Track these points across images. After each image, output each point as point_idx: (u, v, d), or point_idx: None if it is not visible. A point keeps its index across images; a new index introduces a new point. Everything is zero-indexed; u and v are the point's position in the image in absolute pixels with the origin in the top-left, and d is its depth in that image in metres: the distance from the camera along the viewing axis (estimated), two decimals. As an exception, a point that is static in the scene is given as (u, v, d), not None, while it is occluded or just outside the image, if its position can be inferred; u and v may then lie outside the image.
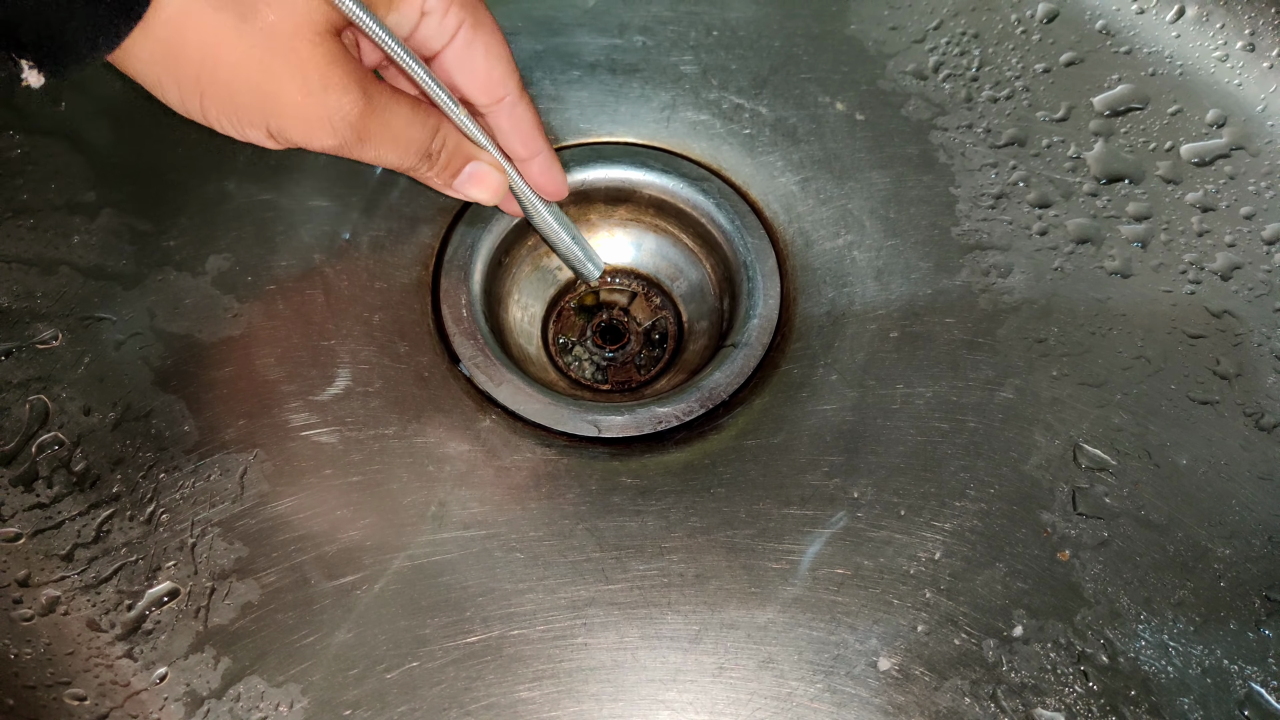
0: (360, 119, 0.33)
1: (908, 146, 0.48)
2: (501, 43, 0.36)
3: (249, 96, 0.32)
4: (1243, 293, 0.45)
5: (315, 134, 0.33)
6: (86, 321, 0.43)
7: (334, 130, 0.32)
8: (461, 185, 0.38)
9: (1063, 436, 0.42)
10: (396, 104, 0.34)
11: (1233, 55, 0.49)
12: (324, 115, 0.32)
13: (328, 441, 0.41)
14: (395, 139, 0.34)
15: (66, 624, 0.38)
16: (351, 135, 0.33)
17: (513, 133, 0.38)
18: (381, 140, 0.34)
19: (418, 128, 0.35)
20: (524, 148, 0.38)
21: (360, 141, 0.33)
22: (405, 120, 0.34)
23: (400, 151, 0.35)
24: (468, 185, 0.38)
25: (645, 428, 0.42)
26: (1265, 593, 0.39)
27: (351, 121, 0.32)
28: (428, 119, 0.35)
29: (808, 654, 0.38)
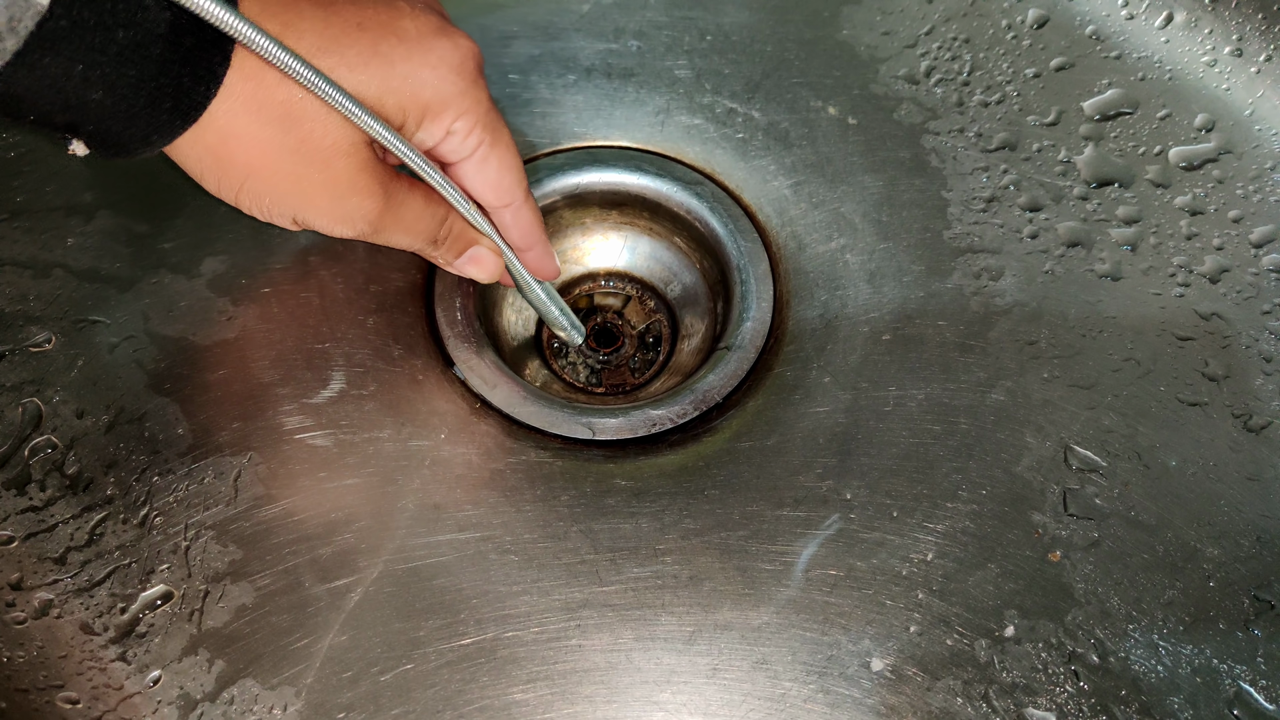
0: (378, 218, 0.36)
1: (900, 150, 0.49)
2: (514, 157, 0.39)
3: (283, 198, 0.35)
4: (1231, 295, 0.45)
5: (336, 228, 0.37)
6: (80, 324, 0.43)
7: (353, 226, 0.36)
8: (462, 265, 0.41)
9: (1054, 438, 0.42)
10: (411, 198, 0.37)
11: (1221, 60, 0.50)
12: (347, 215, 0.36)
13: (322, 444, 0.41)
14: (407, 229, 0.38)
15: (59, 627, 0.38)
16: (369, 229, 0.37)
17: (514, 229, 0.41)
18: (395, 230, 0.38)
19: (428, 219, 0.38)
20: (523, 241, 0.42)
21: (376, 232, 0.37)
22: (417, 213, 0.38)
23: (410, 238, 0.39)
24: (467, 265, 0.41)
25: (639, 430, 0.42)
26: (1254, 592, 0.39)
27: (371, 220, 0.36)
28: (437, 210, 0.39)
29: (801, 655, 0.38)
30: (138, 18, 0.29)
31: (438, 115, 0.36)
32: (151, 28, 0.29)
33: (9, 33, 0.26)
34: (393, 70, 0.34)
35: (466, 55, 0.36)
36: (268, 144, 0.33)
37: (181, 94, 0.31)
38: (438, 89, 0.35)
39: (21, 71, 0.27)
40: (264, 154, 0.33)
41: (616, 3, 0.52)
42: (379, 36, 0.34)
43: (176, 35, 0.30)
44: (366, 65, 0.33)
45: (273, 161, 0.34)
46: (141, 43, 0.29)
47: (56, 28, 0.27)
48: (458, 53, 0.35)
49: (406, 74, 0.34)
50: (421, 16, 0.35)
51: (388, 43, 0.34)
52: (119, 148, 0.32)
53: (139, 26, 0.29)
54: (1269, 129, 0.49)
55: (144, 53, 0.29)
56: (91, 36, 0.28)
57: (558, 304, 0.45)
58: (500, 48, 0.50)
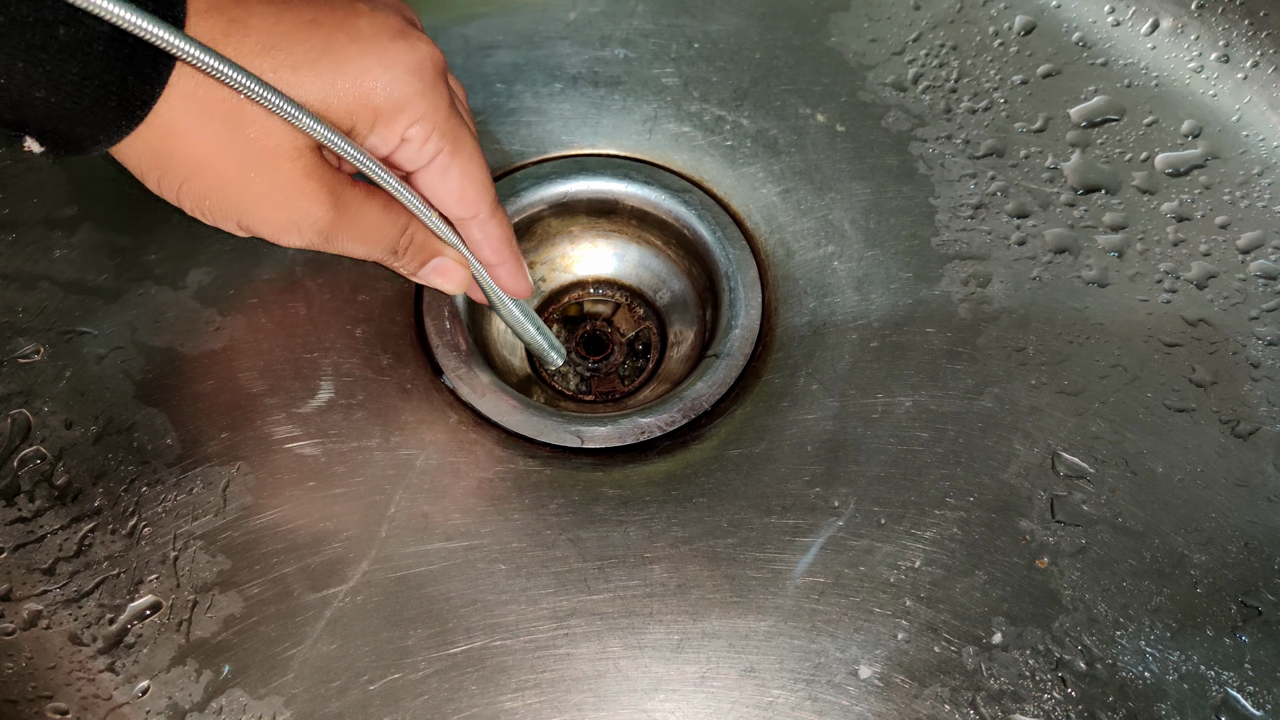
0: (328, 225, 0.35)
1: (888, 157, 0.49)
2: (479, 167, 0.38)
3: (225, 199, 0.34)
4: (1218, 301, 0.45)
5: (284, 236, 0.35)
6: (68, 336, 0.43)
7: (301, 234, 0.35)
8: (426, 275, 0.40)
9: (1041, 445, 0.42)
10: (367, 206, 0.36)
11: (1207, 66, 0.50)
12: (293, 222, 0.35)
13: (310, 454, 0.41)
14: (363, 238, 0.37)
15: (48, 638, 0.38)
16: (319, 238, 0.35)
17: (483, 243, 0.40)
18: (349, 239, 0.36)
19: (386, 227, 0.37)
20: (493, 256, 0.40)
21: (327, 242, 0.36)
22: (373, 222, 0.36)
23: (367, 248, 0.37)
24: (432, 275, 0.40)
25: (628, 438, 0.42)
26: (1241, 598, 0.39)
27: (320, 228, 0.35)
28: (397, 219, 0.37)
29: (789, 662, 0.38)
30: (79, 15, 0.28)
31: (391, 120, 0.34)
32: (93, 25, 0.29)
33: None
34: (342, 70, 0.33)
35: (424, 58, 0.34)
36: (210, 143, 0.32)
37: (127, 92, 0.30)
38: (390, 92, 0.34)
39: None
40: (206, 153, 0.33)
41: (603, 10, 0.52)
42: (330, 34, 0.33)
43: (119, 33, 0.29)
44: (314, 65, 0.32)
45: (215, 161, 0.33)
46: (83, 40, 0.29)
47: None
48: (414, 55, 0.34)
49: (358, 74, 0.33)
50: (380, 16, 0.34)
51: (338, 41, 0.33)
52: (70, 145, 0.31)
53: (80, 24, 0.28)
54: (1256, 135, 0.49)
55: (86, 50, 0.29)
56: (31, 33, 0.28)
57: (534, 322, 0.44)
58: (484, 57, 0.50)
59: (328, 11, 0.33)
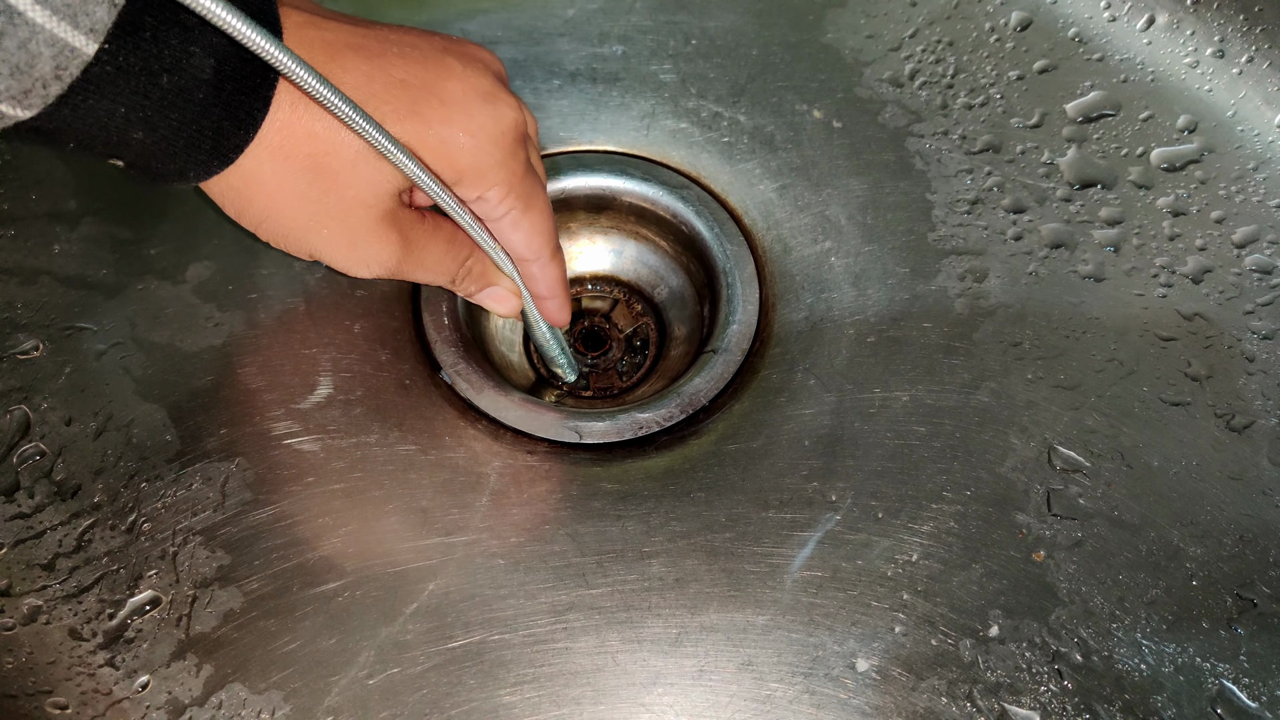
0: (396, 264, 0.37)
1: (884, 153, 0.49)
2: (546, 218, 0.40)
3: (300, 239, 0.36)
4: (1214, 295, 0.45)
5: (354, 270, 0.37)
6: (67, 331, 0.43)
7: (369, 270, 0.37)
8: (481, 299, 0.42)
9: (1038, 439, 0.42)
10: (433, 242, 0.38)
11: (1203, 62, 0.50)
12: (363, 260, 0.37)
13: (309, 450, 0.41)
14: (427, 270, 0.39)
15: (48, 633, 0.38)
16: (386, 273, 0.38)
17: (540, 280, 0.42)
18: (414, 272, 0.38)
19: (449, 262, 0.39)
20: (546, 292, 0.42)
21: (393, 275, 0.38)
22: (437, 258, 0.39)
23: (430, 278, 0.40)
24: (486, 300, 0.42)
25: (626, 433, 0.43)
26: (1237, 591, 0.39)
27: (388, 266, 0.37)
28: (459, 253, 0.39)
29: (787, 656, 0.38)
30: (183, 63, 0.29)
31: (473, 183, 0.36)
32: (196, 73, 0.29)
33: (54, 80, 0.26)
34: (428, 131, 0.34)
35: (508, 127, 0.36)
36: (290, 194, 0.34)
37: (221, 137, 0.31)
38: (474, 158, 0.35)
39: (64, 111, 0.27)
40: (285, 202, 0.34)
41: (601, 8, 0.52)
42: (420, 96, 0.34)
43: (220, 81, 0.30)
44: (401, 123, 0.33)
45: (292, 209, 0.34)
46: (185, 88, 0.29)
47: (102, 73, 0.27)
48: (499, 124, 0.35)
49: (443, 137, 0.34)
50: (471, 79, 0.35)
51: (429, 104, 0.34)
52: (155, 177, 0.32)
53: (184, 72, 0.29)
54: (1251, 130, 0.49)
55: (187, 98, 0.29)
56: (136, 81, 0.28)
57: (560, 344, 0.46)
58: (484, 54, 0.50)
59: (419, 70, 0.34)
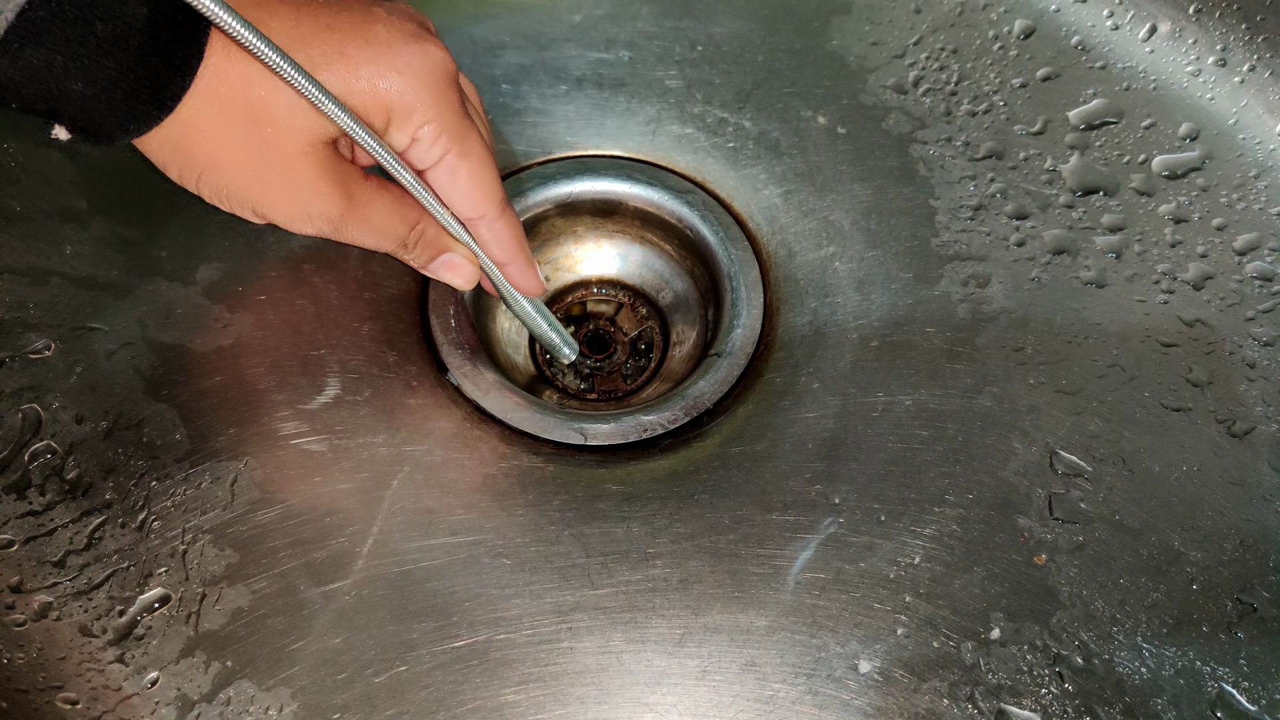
0: (339, 217, 0.36)
1: (888, 159, 0.49)
2: (487, 169, 0.38)
3: (242, 190, 0.35)
4: (1215, 302, 0.46)
5: (296, 225, 0.36)
6: (78, 331, 0.43)
7: (313, 224, 0.36)
8: (435, 269, 0.41)
9: (1039, 443, 0.43)
10: (379, 200, 0.37)
11: (1205, 70, 0.50)
12: (305, 213, 0.36)
13: (317, 450, 0.42)
14: (373, 230, 0.38)
15: (58, 629, 0.38)
16: (330, 229, 0.37)
17: (492, 243, 0.40)
18: (359, 231, 0.37)
19: (396, 222, 0.38)
20: (502, 255, 0.41)
21: (337, 232, 0.37)
22: (384, 215, 0.38)
23: (377, 240, 0.38)
24: (441, 270, 0.41)
25: (631, 435, 0.43)
26: (1237, 595, 0.40)
27: (331, 219, 0.36)
28: (407, 214, 0.38)
29: (790, 657, 0.38)
30: (116, 10, 0.29)
31: (403, 120, 0.35)
32: (130, 20, 0.30)
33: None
34: (357, 72, 0.34)
35: (436, 63, 0.35)
36: (229, 140, 0.34)
37: (159, 85, 0.31)
38: (402, 94, 0.35)
39: (3, 61, 0.28)
40: (224, 149, 0.34)
41: (608, 13, 0.52)
42: (347, 39, 0.34)
43: (154, 28, 0.30)
44: (330, 66, 0.33)
45: (232, 156, 0.34)
46: (120, 35, 0.30)
47: (36, 18, 0.28)
48: (426, 60, 0.35)
49: (371, 77, 0.34)
50: (395, 22, 0.35)
51: (355, 45, 0.34)
52: (99, 135, 0.32)
53: (117, 19, 0.29)
54: (1252, 138, 0.49)
55: (123, 45, 0.30)
56: (71, 29, 0.28)
57: (546, 318, 0.45)
58: (491, 58, 0.51)
59: (345, 17, 0.34)
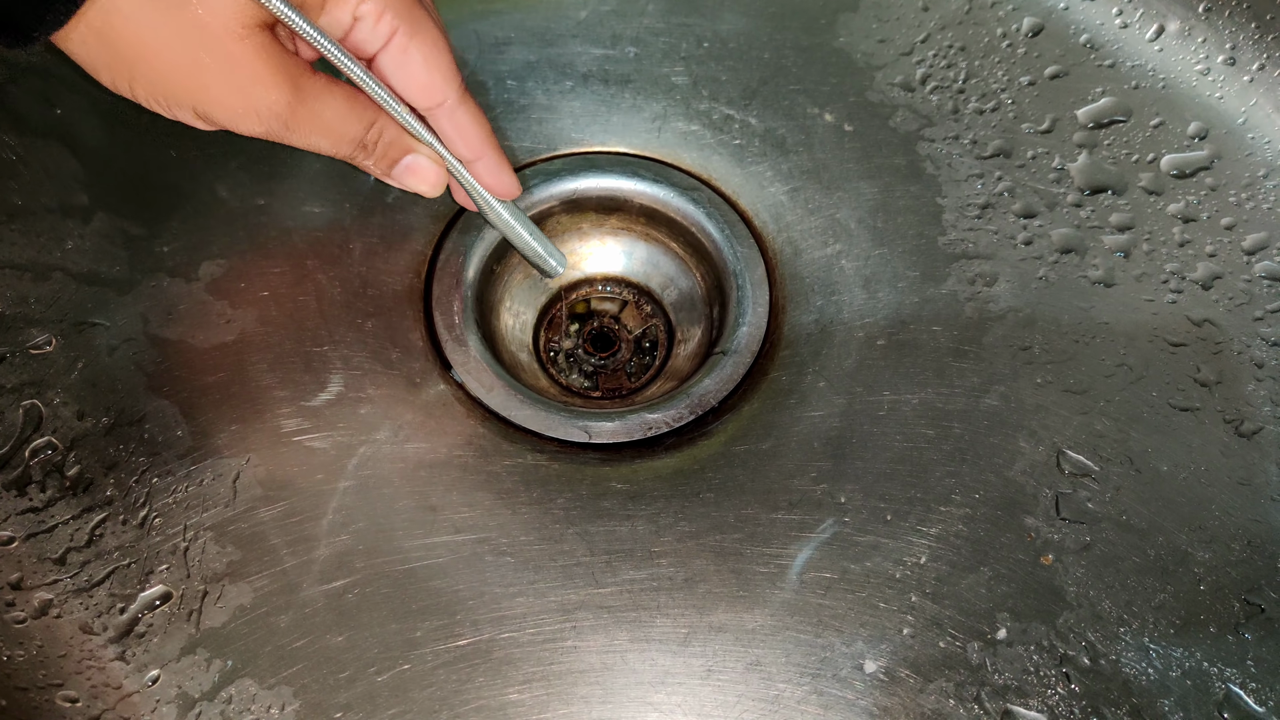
0: (287, 110, 0.33)
1: (895, 157, 0.49)
2: (441, 50, 0.35)
3: (177, 84, 0.32)
4: (1223, 302, 0.45)
5: (242, 122, 0.33)
6: (80, 327, 0.43)
7: (260, 120, 0.33)
8: (399, 175, 0.38)
9: (1046, 443, 0.42)
10: (330, 96, 0.34)
11: (1214, 69, 0.50)
12: (250, 107, 0.33)
13: (320, 447, 0.41)
14: (326, 129, 0.35)
15: (59, 627, 0.38)
16: (279, 125, 0.34)
17: (456, 136, 0.38)
18: (311, 130, 0.34)
19: (352, 120, 0.35)
20: (468, 150, 0.38)
21: (288, 130, 0.34)
22: (337, 112, 0.34)
23: (332, 141, 0.35)
24: (405, 176, 0.38)
25: (635, 434, 0.43)
26: (1244, 596, 0.40)
27: (278, 113, 0.33)
28: (364, 112, 0.35)
29: (795, 657, 0.38)
30: None
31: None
32: None
33: None
34: None
35: None
36: (155, 23, 0.31)
37: None
38: None
39: None
40: (152, 35, 0.31)
41: (614, 9, 0.52)
42: None
43: None
44: None
45: (161, 44, 0.31)
46: None
47: None
48: None
49: None
50: None
51: None
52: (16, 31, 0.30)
53: None
54: (1261, 137, 0.49)
55: None
56: None
57: (527, 227, 0.42)
58: (496, 53, 0.51)
59: None
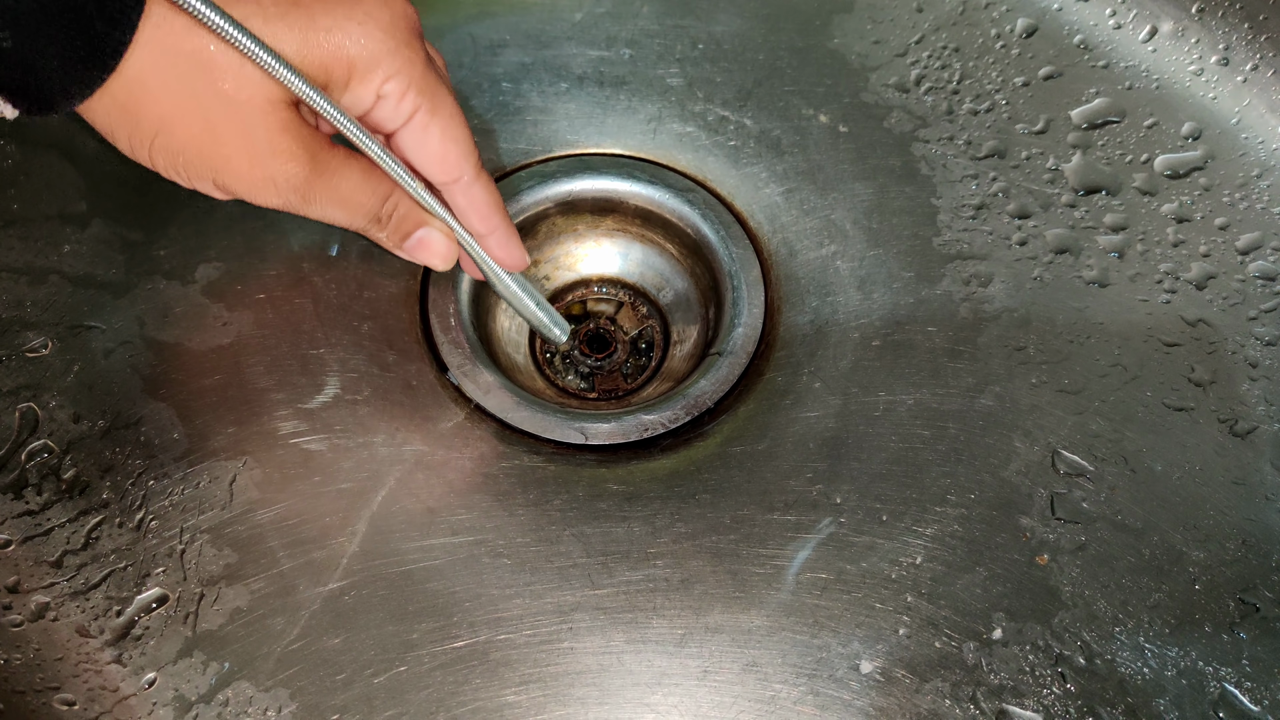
0: (305, 184, 0.34)
1: (890, 158, 0.49)
2: (459, 126, 0.37)
3: (198, 155, 0.33)
4: (1217, 302, 0.46)
5: (260, 193, 0.34)
6: (76, 330, 0.43)
7: (278, 192, 0.34)
8: (411, 249, 0.39)
9: (1041, 443, 0.42)
10: (347, 169, 0.35)
11: (1207, 69, 0.50)
12: (268, 179, 0.33)
13: (316, 449, 0.41)
14: (343, 202, 0.36)
15: (56, 630, 0.38)
16: (296, 197, 0.34)
17: (469, 210, 0.39)
18: (328, 202, 0.35)
19: (367, 194, 0.36)
20: (481, 224, 0.39)
21: (305, 202, 0.35)
22: (354, 186, 0.35)
23: (347, 214, 0.36)
24: (416, 249, 0.39)
25: (632, 435, 0.43)
26: (1239, 595, 0.40)
27: (296, 186, 0.34)
28: (378, 186, 0.36)
29: (791, 657, 0.38)
30: None
31: (365, 75, 0.33)
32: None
33: None
34: (314, 23, 0.32)
35: (399, 14, 0.34)
36: (178, 97, 0.31)
37: (96, 40, 0.29)
38: (365, 46, 0.33)
39: None
40: (175, 107, 0.32)
41: (609, 11, 0.52)
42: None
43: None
44: (285, 17, 0.31)
45: (184, 115, 0.32)
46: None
47: None
48: (388, 10, 0.33)
49: (330, 28, 0.32)
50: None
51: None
52: (41, 100, 0.30)
53: None
54: (1255, 137, 0.49)
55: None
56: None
57: (534, 298, 0.43)
58: (492, 56, 0.51)
59: None
